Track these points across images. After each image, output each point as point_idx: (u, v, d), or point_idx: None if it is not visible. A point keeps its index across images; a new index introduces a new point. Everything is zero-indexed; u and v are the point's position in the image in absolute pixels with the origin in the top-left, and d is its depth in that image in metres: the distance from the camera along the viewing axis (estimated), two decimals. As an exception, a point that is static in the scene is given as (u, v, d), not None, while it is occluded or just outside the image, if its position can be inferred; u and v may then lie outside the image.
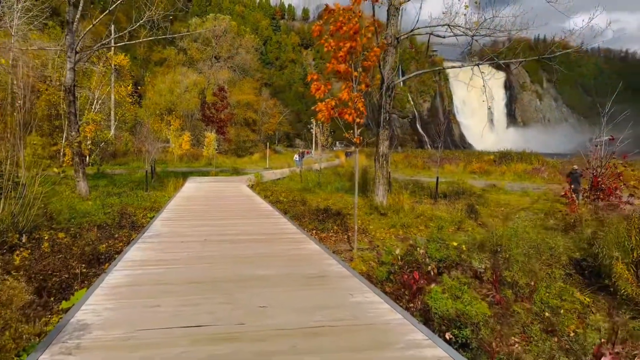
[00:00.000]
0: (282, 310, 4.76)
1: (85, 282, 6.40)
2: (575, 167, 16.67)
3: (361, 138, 8.97)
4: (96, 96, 36.81)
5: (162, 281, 5.66)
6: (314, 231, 11.56)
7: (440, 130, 19.13)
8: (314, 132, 66.81)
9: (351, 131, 8.84)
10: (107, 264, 7.10)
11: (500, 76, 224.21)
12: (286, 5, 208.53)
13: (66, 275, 6.46)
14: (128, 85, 39.66)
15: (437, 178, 18.85)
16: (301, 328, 4.28)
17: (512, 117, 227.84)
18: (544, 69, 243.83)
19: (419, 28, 14.17)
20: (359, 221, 13.23)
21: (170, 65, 72.90)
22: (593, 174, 10.10)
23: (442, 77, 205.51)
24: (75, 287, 5.97)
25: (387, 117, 13.94)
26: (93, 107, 36.11)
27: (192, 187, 20.64)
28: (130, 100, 39.85)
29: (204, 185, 21.24)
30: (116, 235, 10.35)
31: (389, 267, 5.96)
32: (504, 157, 47.86)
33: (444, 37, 15.19)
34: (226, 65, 68.60)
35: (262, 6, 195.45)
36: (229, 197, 16.40)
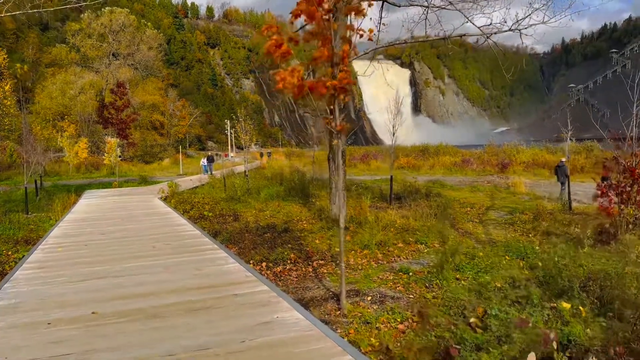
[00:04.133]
0: None
1: None
2: (563, 159, 15.05)
3: (346, 124, 5.91)
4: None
5: None
6: (264, 263, 8.26)
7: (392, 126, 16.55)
8: (229, 133, 62.59)
9: (327, 118, 5.72)
10: None
11: (405, 73, 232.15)
12: (189, 4, 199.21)
13: None
14: (6, 85, 33.31)
15: (391, 178, 16.15)
16: None
17: (418, 112, 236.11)
18: (445, 65, 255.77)
19: (374, -10, 11.32)
20: (316, 241, 10.09)
21: (62, 65, 64.85)
22: (625, 164, 7.71)
23: (351, 75, 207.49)
24: None
25: (341, 104, 10.92)
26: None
27: (88, 204, 16.33)
28: (9, 103, 33.49)
29: (104, 202, 16.97)
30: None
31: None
32: (423, 151, 47.21)
33: (399, 6, 12.53)
34: (126, 62, 62.24)
35: (164, 4, 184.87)
36: (136, 217, 12.51)
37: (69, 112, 52.55)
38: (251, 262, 8.18)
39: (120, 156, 36.87)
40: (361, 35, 5.40)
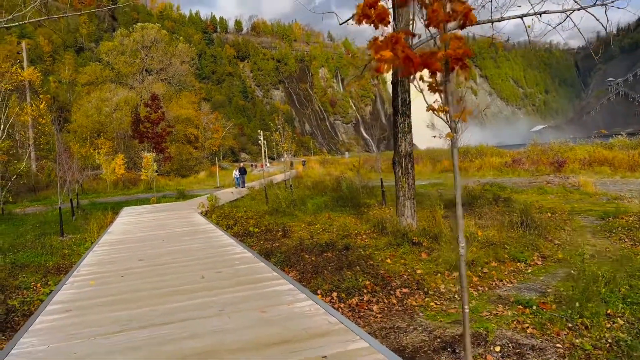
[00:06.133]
0: None
1: None
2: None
3: (470, 109, 4.36)
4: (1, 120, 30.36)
5: None
6: (334, 293, 6.76)
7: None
8: (263, 144, 61.69)
9: (436, 101, 4.24)
10: None
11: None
12: (217, 18, 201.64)
13: None
14: (41, 104, 33.14)
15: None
16: None
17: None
18: (476, 65, 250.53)
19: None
20: (388, 260, 8.54)
21: (96, 83, 65.49)
22: None
23: (380, 80, 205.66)
24: None
25: (407, 100, 9.38)
26: (-3, 133, 29.68)
27: (125, 222, 15.26)
28: (44, 121, 33.30)
29: (142, 219, 15.87)
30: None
31: None
32: (465, 153, 45.00)
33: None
34: (159, 77, 62.31)
35: (193, 20, 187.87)
36: (178, 237, 11.25)
37: (104, 130, 52.72)
38: (319, 292, 6.70)
39: (157, 171, 36.18)
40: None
